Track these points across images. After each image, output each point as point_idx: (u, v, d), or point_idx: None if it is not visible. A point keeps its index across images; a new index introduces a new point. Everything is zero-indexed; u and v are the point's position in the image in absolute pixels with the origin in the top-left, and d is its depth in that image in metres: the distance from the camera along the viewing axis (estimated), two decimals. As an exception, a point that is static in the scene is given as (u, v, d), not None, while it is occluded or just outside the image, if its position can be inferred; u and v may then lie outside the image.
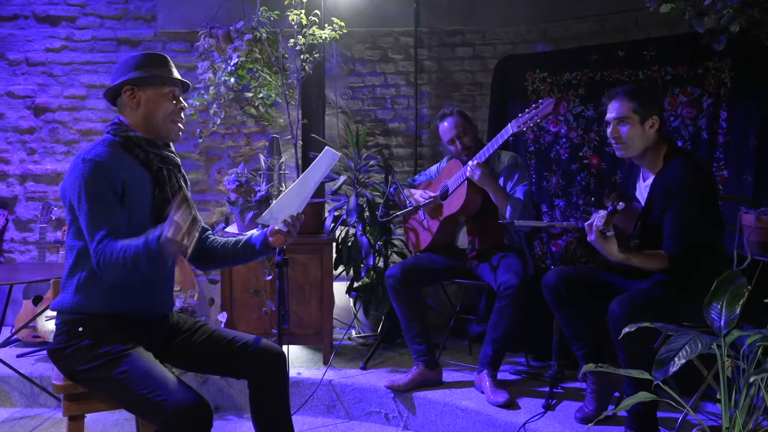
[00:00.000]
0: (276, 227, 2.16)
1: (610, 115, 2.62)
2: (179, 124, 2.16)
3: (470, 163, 3.15)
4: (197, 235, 1.90)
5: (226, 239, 2.31)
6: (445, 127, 3.41)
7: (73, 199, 1.95)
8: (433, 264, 3.39)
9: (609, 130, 2.62)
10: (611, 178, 3.70)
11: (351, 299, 4.04)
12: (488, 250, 3.35)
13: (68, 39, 4.41)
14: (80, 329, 1.99)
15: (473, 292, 4.01)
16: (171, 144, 2.23)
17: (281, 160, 2.35)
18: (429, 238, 3.48)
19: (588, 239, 2.41)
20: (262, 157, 2.29)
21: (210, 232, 2.37)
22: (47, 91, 4.42)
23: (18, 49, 4.40)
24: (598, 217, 2.34)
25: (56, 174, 4.45)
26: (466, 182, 3.24)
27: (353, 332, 4.19)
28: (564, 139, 3.88)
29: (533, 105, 3.02)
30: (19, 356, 3.67)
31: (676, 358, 1.88)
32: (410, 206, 3.39)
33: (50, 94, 4.43)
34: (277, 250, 2.28)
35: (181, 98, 2.18)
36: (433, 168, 3.72)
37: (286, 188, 2.33)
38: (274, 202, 2.04)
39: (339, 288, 3.94)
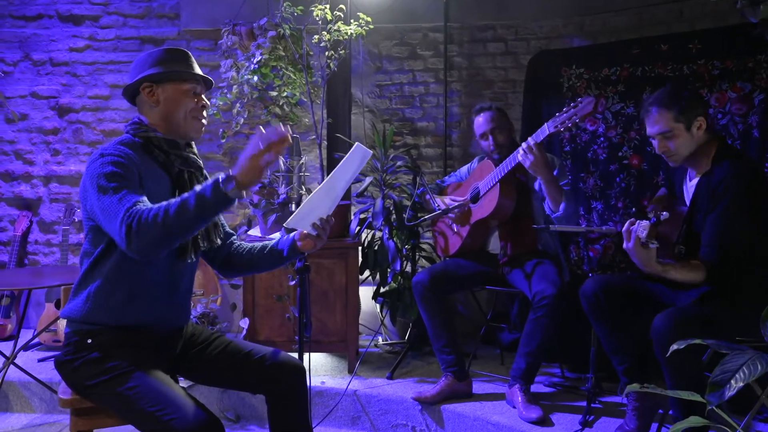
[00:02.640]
0: (305, 231, 2.03)
1: (651, 129, 2.40)
2: (201, 122, 2.04)
3: (523, 144, 2.89)
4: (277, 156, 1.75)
5: (251, 244, 2.19)
6: (480, 120, 3.25)
7: (91, 192, 1.79)
8: (462, 270, 3.24)
9: (656, 145, 2.41)
10: (653, 179, 3.49)
11: (377, 305, 3.89)
12: (521, 256, 3.18)
13: (92, 38, 4.35)
14: (89, 341, 1.89)
15: (505, 299, 3.83)
16: (193, 145, 2.11)
17: (301, 161, 2.21)
18: (458, 243, 3.32)
19: (624, 247, 2.20)
20: (281, 160, 2.15)
21: (234, 237, 2.25)
22: (71, 91, 4.37)
23: (42, 49, 4.36)
24: (640, 228, 2.13)
25: (80, 175, 4.40)
26: (499, 184, 3.08)
27: (379, 339, 4.05)
28: (602, 138, 3.68)
29: (571, 104, 2.83)
30: (40, 360, 3.61)
31: (732, 381, 1.68)
32: (439, 209, 3.24)
33: (74, 95, 4.38)
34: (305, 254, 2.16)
35: (203, 96, 2.05)
36: (464, 169, 3.56)
37: (306, 191, 2.19)
38: (302, 204, 1.90)
39: (365, 293, 3.80)
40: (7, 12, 4.34)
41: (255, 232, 3.61)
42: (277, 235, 2.10)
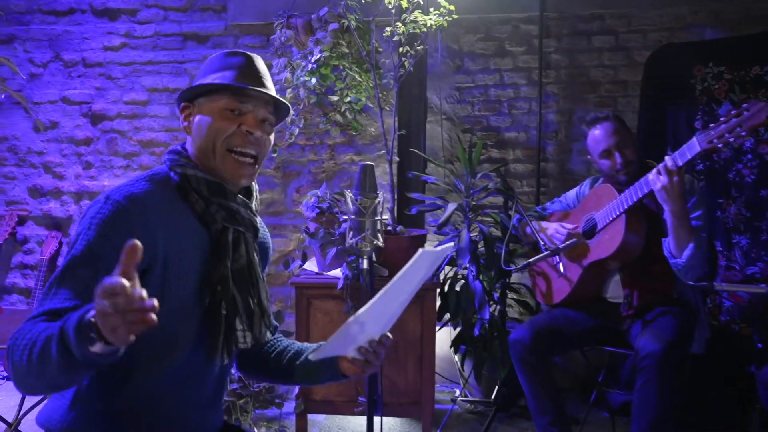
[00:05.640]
0: (349, 356, 1.40)
1: None
2: (244, 158, 1.38)
3: (660, 165, 2.22)
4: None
5: (284, 345, 1.58)
6: (599, 134, 2.56)
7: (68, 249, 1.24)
8: (573, 325, 2.58)
9: None
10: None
11: (458, 356, 3.22)
12: (651, 305, 2.46)
13: (128, 35, 3.82)
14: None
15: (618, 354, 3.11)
16: (254, 191, 1.48)
17: (376, 200, 1.55)
18: (567, 289, 2.62)
19: None
20: (348, 196, 1.49)
21: (278, 329, 1.65)
22: (105, 95, 3.85)
23: (74, 48, 3.86)
24: None
25: (114, 191, 3.87)
26: (625, 216, 2.37)
27: (457, 392, 3.39)
28: (749, 156, 2.91)
29: (732, 111, 2.10)
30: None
31: None
32: (544, 246, 2.55)
33: (108, 100, 3.85)
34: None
35: (263, 121, 1.40)
36: (571, 194, 2.85)
37: (379, 237, 1.54)
38: (340, 328, 1.26)
39: (440, 335, 3.14)
40: (36, 6, 3.86)
41: (311, 266, 3.01)
42: (321, 345, 1.46)
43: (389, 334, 1.39)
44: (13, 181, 3.96)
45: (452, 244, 1.29)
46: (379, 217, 1.59)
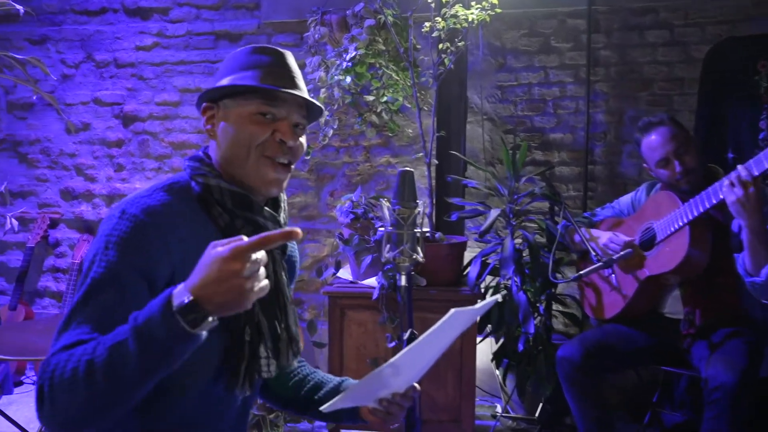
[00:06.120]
0: (370, 406, 1.28)
1: None
2: (278, 167, 1.25)
3: (733, 174, 1.99)
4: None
5: (305, 374, 1.46)
6: (655, 141, 2.36)
7: (84, 270, 1.12)
8: (627, 343, 2.39)
9: None
10: None
11: (499, 371, 3.04)
12: (715, 324, 2.26)
13: (160, 35, 3.74)
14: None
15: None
16: (282, 202, 1.35)
17: (416, 210, 1.39)
18: (620, 304, 2.43)
19: None
20: (386, 205, 1.35)
21: (303, 360, 1.52)
22: (136, 96, 3.78)
23: (106, 48, 3.80)
24: None
25: (145, 194, 3.80)
26: (689, 228, 2.16)
27: (498, 407, 3.22)
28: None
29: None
30: None
31: None
32: (595, 256, 2.36)
33: (140, 101, 3.78)
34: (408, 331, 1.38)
35: (294, 127, 1.26)
36: (626, 199, 2.65)
37: (419, 251, 1.39)
38: (363, 379, 1.15)
39: (480, 345, 2.97)
40: (68, 6, 3.81)
41: (345, 273, 2.87)
42: (346, 381, 1.33)
43: (417, 386, 1.26)
44: (45, 183, 3.92)
45: (492, 299, 1.15)
46: (419, 229, 1.43)
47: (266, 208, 1.27)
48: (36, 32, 3.86)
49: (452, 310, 1.03)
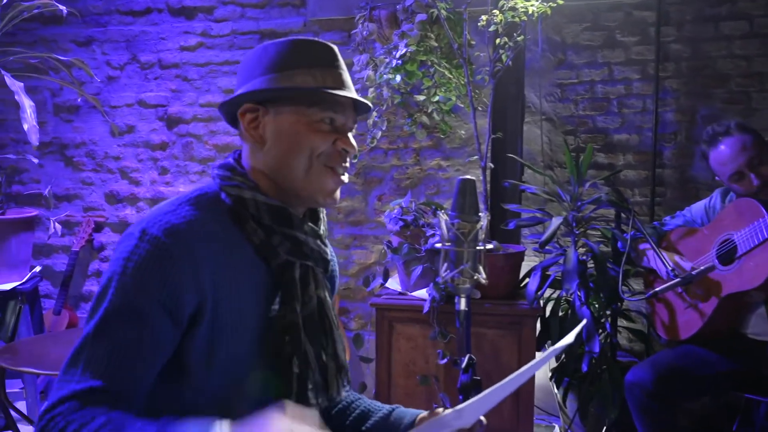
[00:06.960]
0: None
1: None
2: (338, 179, 1.15)
3: None
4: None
5: (353, 400, 1.32)
6: (724, 153, 2.17)
7: (98, 292, 1.00)
8: (705, 367, 2.20)
9: None
10: None
11: (559, 391, 2.84)
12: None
13: (204, 34, 3.67)
14: None
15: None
16: (322, 216, 1.22)
17: (479, 224, 1.22)
18: (698, 324, 2.22)
19: None
20: (443, 219, 1.18)
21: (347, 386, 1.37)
22: (181, 98, 3.71)
23: (150, 49, 3.74)
24: None
25: (189, 198, 3.73)
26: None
27: (556, 428, 3.01)
28: None
29: None
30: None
31: None
32: (669, 271, 2.15)
33: (184, 102, 3.71)
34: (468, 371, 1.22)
35: (349, 130, 1.16)
36: (698, 206, 2.43)
37: (481, 270, 1.23)
38: (428, 421, 1.04)
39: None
40: (113, 7, 3.77)
41: (393, 284, 2.72)
42: (402, 411, 1.18)
43: (484, 419, 1.11)
44: (90, 186, 3.89)
45: (574, 331, 1.01)
46: (481, 245, 1.26)
47: (306, 221, 1.14)
48: (81, 34, 3.83)
49: (550, 349, 0.97)
